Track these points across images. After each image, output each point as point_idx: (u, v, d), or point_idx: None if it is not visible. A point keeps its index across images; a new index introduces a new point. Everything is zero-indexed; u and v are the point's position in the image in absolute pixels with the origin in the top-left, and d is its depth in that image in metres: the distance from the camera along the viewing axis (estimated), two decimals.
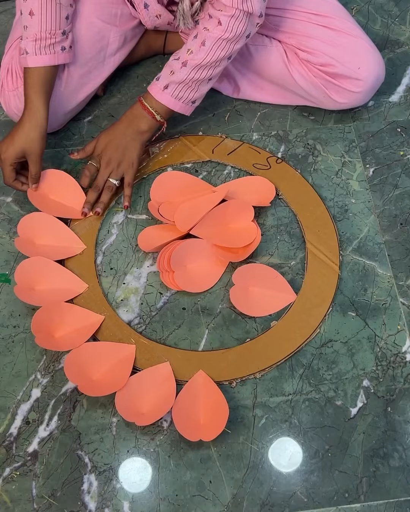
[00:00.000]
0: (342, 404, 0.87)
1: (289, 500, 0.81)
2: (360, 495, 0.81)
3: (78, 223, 1.02)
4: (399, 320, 0.94)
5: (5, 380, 0.90)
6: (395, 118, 1.16)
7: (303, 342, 0.91)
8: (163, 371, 0.88)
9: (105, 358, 0.89)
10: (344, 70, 1.02)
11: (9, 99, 1.05)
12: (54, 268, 0.96)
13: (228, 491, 0.81)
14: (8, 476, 0.83)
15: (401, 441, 0.85)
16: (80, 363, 0.87)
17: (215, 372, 0.89)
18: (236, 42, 0.94)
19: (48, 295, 0.93)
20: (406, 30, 1.28)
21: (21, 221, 0.99)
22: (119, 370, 0.88)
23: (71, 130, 1.15)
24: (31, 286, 0.94)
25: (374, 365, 0.90)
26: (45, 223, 0.99)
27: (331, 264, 0.98)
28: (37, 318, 0.89)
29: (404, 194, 1.07)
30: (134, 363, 0.89)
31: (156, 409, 0.84)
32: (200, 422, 0.84)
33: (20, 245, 0.96)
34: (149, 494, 0.81)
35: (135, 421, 0.83)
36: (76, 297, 0.95)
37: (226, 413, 0.82)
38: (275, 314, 0.94)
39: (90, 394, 0.85)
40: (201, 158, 1.10)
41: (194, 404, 0.85)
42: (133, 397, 0.85)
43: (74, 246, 0.99)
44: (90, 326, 0.92)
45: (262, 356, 0.90)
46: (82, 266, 0.98)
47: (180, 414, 0.83)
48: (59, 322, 0.91)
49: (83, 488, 0.82)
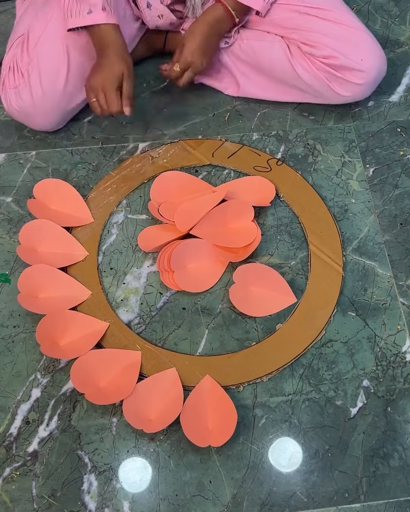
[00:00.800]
0: (342, 404, 0.87)
1: (289, 500, 0.81)
2: (360, 495, 0.81)
3: (80, 230, 1.02)
4: (399, 320, 0.94)
5: (5, 380, 0.90)
6: (395, 118, 1.16)
7: (309, 345, 0.91)
8: (170, 377, 0.88)
9: (111, 365, 0.88)
10: (347, 62, 1.02)
11: (10, 96, 1.05)
12: (57, 275, 0.95)
13: (228, 491, 0.82)
14: (8, 476, 0.83)
15: (401, 441, 0.85)
16: (86, 371, 0.87)
17: (222, 376, 0.88)
18: None
19: (52, 303, 0.93)
20: (406, 30, 1.28)
21: (22, 229, 0.98)
22: (125, 377, 0.87)
23: (71, 130, 1.15)
24: (35, 294, 0.93)
25: (374, 365, 0.90)
26: (47, 230, 0.99)
27: (335, 266, 0.98)
28: (42, 327, 0.89)
29: (404, 194, 1.07)
30: (141, 369, 0.89)
31: (164, 416, 0.83)
32: (209, 428, 0.83)
33: (22, 253, 0.96)
34: (149, 494, 0.81)
35: (144, 428, 0.82)
36: (80, 304, 0.94)
37: (235, 418, 0.82)
38: (276, 315, 0.94)
39: (98, 402, 0.84)
40: (201, 162, 1.10)
41: (202, 410, 0.84)
42: (141, 404, 0.84)
43: (76, 253, 0.99)
44: (95, 333, 0.91)
45: (268, 359, 0.90)
46: (85, 272, 0.98)
47: (189, 420, 0.83)
48: (63, 330, 0.90)
49: (83, 488, 0.82)
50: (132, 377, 0.87)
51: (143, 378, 0.88)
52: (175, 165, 1.09)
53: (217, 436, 0.81)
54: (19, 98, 1.04)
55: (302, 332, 0.92)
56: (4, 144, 1.13)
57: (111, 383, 0.86)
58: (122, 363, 0.89)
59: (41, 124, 1.10)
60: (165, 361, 0.90)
